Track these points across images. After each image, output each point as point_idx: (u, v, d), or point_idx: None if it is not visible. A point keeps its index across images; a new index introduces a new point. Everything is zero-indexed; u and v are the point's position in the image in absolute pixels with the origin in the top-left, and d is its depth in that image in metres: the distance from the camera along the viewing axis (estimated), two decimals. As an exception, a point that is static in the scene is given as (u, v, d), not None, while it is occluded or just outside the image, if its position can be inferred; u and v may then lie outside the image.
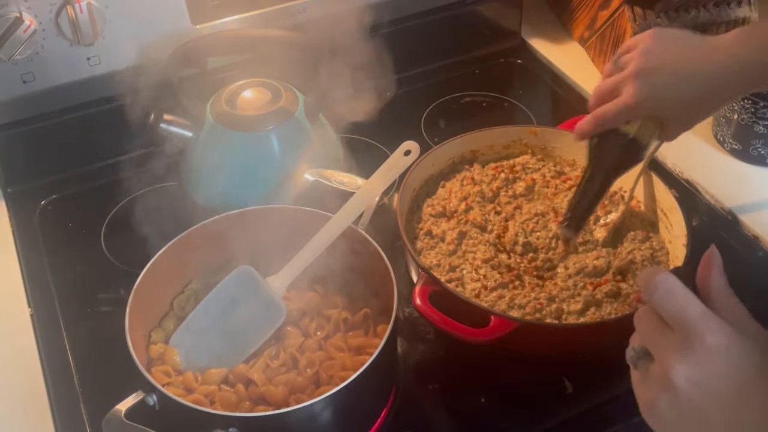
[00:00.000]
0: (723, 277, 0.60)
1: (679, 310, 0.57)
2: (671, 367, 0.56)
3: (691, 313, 0.56)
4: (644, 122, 0.82)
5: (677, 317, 0.57)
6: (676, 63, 0.80)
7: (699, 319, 0.56)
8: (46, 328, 0.95)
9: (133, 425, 0.73)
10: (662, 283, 0.58)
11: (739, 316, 0.58)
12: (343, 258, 0.88)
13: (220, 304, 0.86)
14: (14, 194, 1.14)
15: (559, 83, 1.35)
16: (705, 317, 0.56)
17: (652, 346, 0.59)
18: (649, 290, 0.59)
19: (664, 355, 0.57)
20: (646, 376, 0.59)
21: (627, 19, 1.23)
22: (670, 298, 0.57)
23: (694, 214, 1.08)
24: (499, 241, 0.97)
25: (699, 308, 0.57)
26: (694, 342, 0.55)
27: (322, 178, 0.98)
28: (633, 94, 0.80)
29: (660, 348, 0.58)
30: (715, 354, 0.55)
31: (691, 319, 0.56)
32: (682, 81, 0.79)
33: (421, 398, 0.89)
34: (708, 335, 0.55)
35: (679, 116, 0.82)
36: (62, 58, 1.08)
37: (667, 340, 0.57)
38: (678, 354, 0.56)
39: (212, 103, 1.04)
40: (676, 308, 0.57)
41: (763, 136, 1.12)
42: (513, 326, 0.82)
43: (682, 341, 0.56)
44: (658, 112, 0.82)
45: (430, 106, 1.29)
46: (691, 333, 0.56)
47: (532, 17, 1.45)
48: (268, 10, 1.17)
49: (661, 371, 0.57)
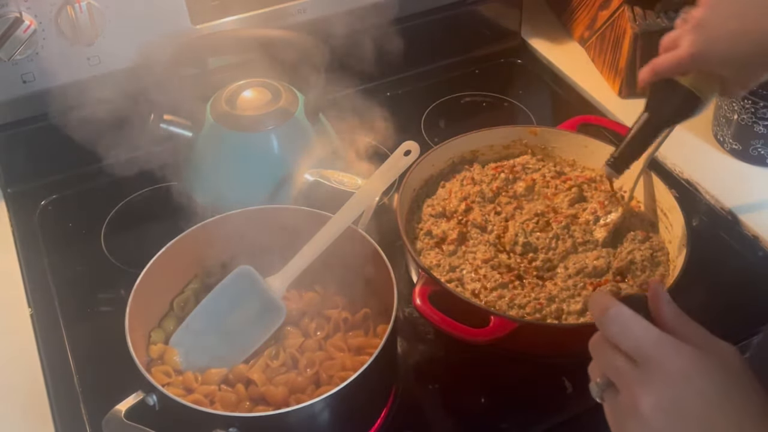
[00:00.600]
0: (672, 303, 0.60)
1: (635, 341, 0.57)
2: (637, 397, 0.56)
3: (647, 342, 0.57)
4: (700, 75, 0.83)
5: (635, 348, 0.57)
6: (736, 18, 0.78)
7: (656, 346, 0.57)
8: (46, 328, 0.95)
9: (133, 425, 0.73)
10: (615, 317, 0.58)
11: (700, 338, 0.59)
12: (343, 258, 0.88)
13: (220, 304, 0.86)
14: (14, 194, 1.14)
15: (559, 83, 1.35)
16: (662, 343, 0.57)
17: (615, 377, 0.59)
18: (603, 324, 0.59)
19: (629, 385, 0.57)
20: (615, 408, 0.59)
21: (627, 19, 1.23)
22: (625, 331, 0.58)
23: (694, 214, 1.08)
24: (499, 241, 0.97)
25: (655, 335, 0.57)
26: (655, 370, 0.56)
27: (322, 178, 0.98)
28: (689, 45, 0.80)
29: (623, 379, 0.58)
30: (676, 378, 0.55)
31: (649, 347, 0.57)
32: (739, 36, 0.78)
33: (421, 398, 0.89)
34: (667, 361, 0.56)
35: (736, 73, 0.81)
36: (62, 58, 1.08)
37: (629, 370, 0.57)
38: (641, 384, 0.56)
39: (212, 103, 1.04)
40: (632, 339, 0.57)
41: (763, 136, 1.12)
42: (513, 326, 0.82)
43: (644, 370, 0.56)
44: (714, 67, 0.81)
45: (430, 106, 1.29)
46: (650, 361, 0.56)
47: (532, 17, 1.45)
48: (268, 10, 1.17)
49: (628, 402, 0.57)
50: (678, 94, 0.84)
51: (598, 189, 1.04)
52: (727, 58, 0.79)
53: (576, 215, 1.00)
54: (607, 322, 0.59)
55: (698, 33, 0.80)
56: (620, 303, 0.59)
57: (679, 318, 0.60)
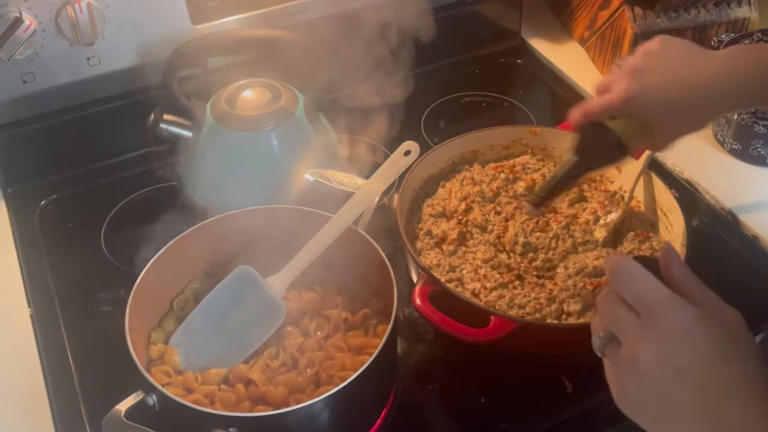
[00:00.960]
0: (685, 266, 0.61)
1: (643, 294, 0.59)
2: (638, 347, 0.57)
3: (654, 296, 0.58)
4: (629, 121, 0.82)
5: (642, 300, 0.58)
6: (670, 67, 0.80)
7: (663, 301, 0.58)
8: (46, 328, 0.95)
9: (133, 425, 0.73)
10: (627, 268, 0.60)
11: (708, 300, 0.59)
12: (343, 258, 0.88)
13: (220, 304, 0.86)
14: (14, 194, 1.14)
15: (559, 83, 1.35)
16: (669, 299, 0.58)
17: (617, 329, 0.60)
18: (614, 275, 0.60)
19: (631, 337, 0.58)
20: (615, 362, 0.60)
21: (627, 19, 1.23)
22: (634, 282, 0.59)
23: (694, 214, 1.08)
24: (499, 241, 0.97)
25: (663, 291, 0.58)
26: (659, 323, 0.57)
27: (322, 178, 0.98)
28: (623, 90, 0.81)
29: (626, 330, 0.59)
30: (679, 334, 0.56)
31: (655, 302, 0.58)
32: (672, 85, 0.80)
33: (421, 398, 0.89)
34: (672, 316, 0.57)
35: (665, 122, 0.82)
36: (62, 58, 1.08)
37: (633, 322, 0.59)
38: (643, 335, 0.57)
39: (212, 103, 1.04)
40: (640, 292, 0.59)
41: (763, 136, 1.12)
42: (513, 326, 0.82)
43: (648, 323, 0.58)
44: (645, 114, 0.82)
45: (430, 106, 1.29)
46: (654, 315, 0.57)
47: (532, 17, 1.45)
48: (268, 10, 1.17)
49: (629, 354, 0.58)
50: (606, 139, 0.83)
51: (598, 189, 1.04)
52: (657, 104, 0.80)
53: (576, 215, 1.00)
54: (617, 273, 0.60)
55: (632, 78, 0.81)
56: (633, 260, 0.60)
57: (688, 279, 0.61)
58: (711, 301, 0.60)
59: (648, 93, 0.80)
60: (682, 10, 1.22)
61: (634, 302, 0.59)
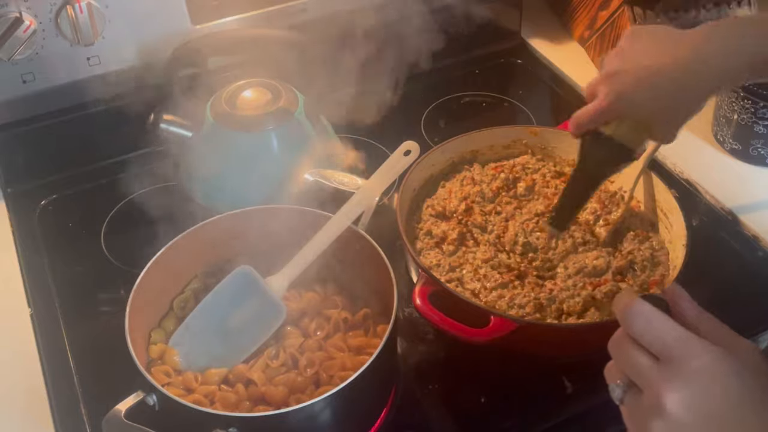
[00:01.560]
0: (693, 302, 0.60)
1: (660, 337, 0.57)
2: (662, 394, 0.55)
3: (672, 338, 0.56)
4: (622, 123, 0.81)
5: (659, 345, 0.57)
6: (642, 61, 0.78)
7: (682, 343, 0.56)
8: (46, 328, 0.95)
9: (133, 425, 0.73)
10: (639, 312, 0.58)
11: (722, 335, 0.58)
12: (343, 258, 0.88)
13: (220, 304, 0.86)
14: (14, 194, 1.14)
15: (559, 83, 1.35)
16: (687, 340, 0.56)
17: (637, 376, 0.58)
18: (626, 318, 0.58)
19: (653, 384, 0.56)
20: (636, 409, 0.58)
21: (627, 19, 1.23)
22: (649, 326, 0.57)
23: (694, 214, 1.08)
24: (499, 241, 0.97)
25: (679, 332, 0.57)
26: (681, 366, 0.55)
27: (322, 178, 0.98)
28: (604, 95, 0.79)
29: (646, 378, 0.57)
30: (703, 375, 0.55)
31: (674, 344, 0.56)
32: (648, 80, 0.77)
33: (421, 398, 0.89)
34: (693, 358, 0.55)
35: (656, 115, 0.80)
36: (62, 58, 1.08)
37: (653, 368, 0.57)
38: (666, 381, 0.55)
39: (212, 103, 1.04)
40: (656, 336, 0.57)
41: (763, 136, 1.12)
42: (513, 326, 0.82)
43: (669, 367, 0.56)
44: (633, 112, 0.80)
45: (430, 106, 1.29)
46: (674, 357, 0.56)
47: (532, 17, 1.45)
48: (268, 10, 1.17)
49: (652, 401, 0.56)
50: (603, 145, 0.82)
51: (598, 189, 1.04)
52: (640, 101, 0.78)
53: (576, 215, 1.00)
54: (630, 317, 0.58)
55: (610, 81, 0.79)
56: (643, 301, 0.58)
57: (700, 315, 0.60)
58: (726, 336, 0.58)
59: (627, 94, 0.78)
60: (681, 10, 1.22)
61: (650, 346, 0.57)
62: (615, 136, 0.81)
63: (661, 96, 0.77)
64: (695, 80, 0.77)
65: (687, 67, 0.76)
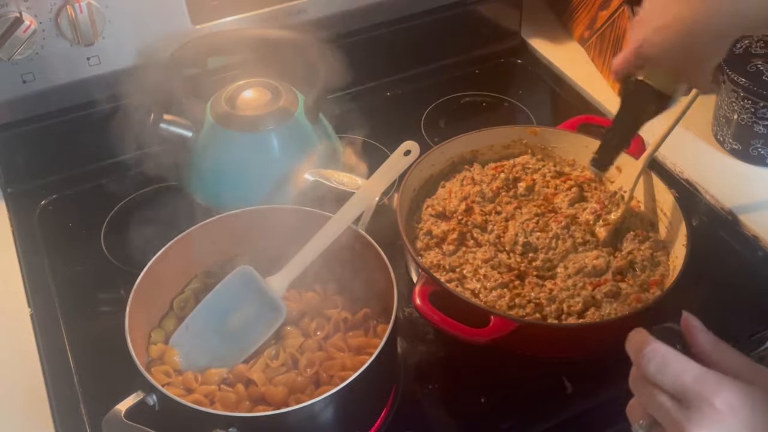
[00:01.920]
0: (708, 332, 0.60)
1: (678, 378, 0.56)
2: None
3: (690, 379, 0.56)
4: (654, 70, 0.84)
5: (679, 386, 0.56)
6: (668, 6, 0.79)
7: (700, 382, 0.55)
8: (46, 328, 0.95)
9: (133, 425, 0.73)
10: (654, 355, 0.57)
11: (741, 366, 0.58)
12: (343, 258, 0.88)
13: (220, 304, 0.86)
14: (14, 194, 1.14)
15: (559, 83, 1.35)
16: (705, 379, 0.56)
17: (661, 417, 0.57)
18: (641, 364, 0.58)
19: (676, 425, 0.56)
20: None
21: (627, 18, 1.23)
22: (665, 369, 0.57)
23: (694, 214, 1.08)
24: (499, 241, 0.97)
25: (696, 371, 0.56)
26: (702, 407, 0.55)
27: (322, 178, 0.98)
28: (634, 41, 0.82)
29: (670, 419, 0.56)
30: (726, 413, 0.54)
31: (692, 385, 0.56)
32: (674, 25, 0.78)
33: (421, 398, 0.89)
34: (714, 397, 0.55)
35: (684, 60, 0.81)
36: (62, 58, 1.08)
37: (675, 409, 0.56)
38: (690, 423, 0.55)
39: (212, 103, 1.04)
40: (674, 377, 0.56)
41: (763, 136, 1.12)
42: (513, 326, 0.82)
43: (690, 409, 0.55)
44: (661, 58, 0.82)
45: (430, 106, 1.29)
46: (696, 399, 0.55)
47: (532, 17, 1.45)
48: (268, 10, 1.17)
49: None
50: (639, 91, 0.86)
51: (598, 189, 1.04)
52: (668, 46, 0.80)
53: (576, 215, 1.00)
54: (644, 361, 0.58)
55: (638, 28, 0.81)
56: (656, 340, 0.58)
57: (716, 346, 0.59)
58: (745, 367, 0.58)
59: (653, 39, 0.80)
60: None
61: (668, 388, 0.57)
62: (649, 82, 0.85)
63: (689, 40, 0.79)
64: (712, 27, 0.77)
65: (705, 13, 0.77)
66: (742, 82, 1.09)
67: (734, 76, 1.10)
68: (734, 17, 0.77)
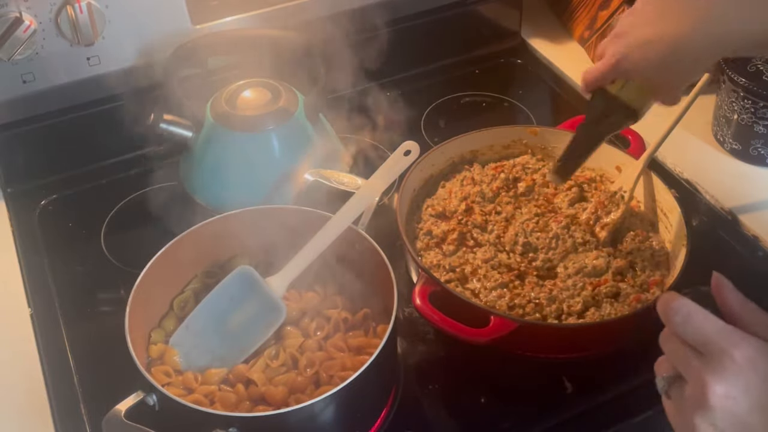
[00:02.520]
0: (738, 293, 0.61)
1: (700, 332, 0.58)
2: (706, 386, 0.56)
3: (712, 332, 0.57)
4: (628, 83, 0.83)
5: (700, 339, 0.58)
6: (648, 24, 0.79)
7: (722, 336, 0.57)
8: (46, 328, 0.95)
9: (133, 425, 0.73)
10: (680, 308, 0.59)
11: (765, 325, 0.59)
12: (343, 258, 0.88)
13: (220, 305, 0.86)
14: (14, 194, 1.14)
15: (559, 83, 1.35)
16: (727, 333, 0.57)
17: (685, 368, 0.59)
18: (668, 317, 0.60)
19: (698, 376, 0.57)
20: (680, 402, 0.59)
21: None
22: (689, 321, 0.59)
23: (694, 214, 1.08)
24: (499, 241, 0.97)
25: (719, 325, 0.58)
26: (723, 359, 0.56)
27: (322, 178, 0.98)
28: (610, 54, 0.81)
29: (692, 370, 0.58)
30: (745, 366, 0.56)
31: (714, 338, 0.57)
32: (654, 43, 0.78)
33: (421, 398, 0.89)
34: (734, 350, 0.56)
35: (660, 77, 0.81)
36: (62, 58, 1.08)
37: (698, 361, 0.58)
38: (710, 373, 0.56)
39: (212, 103, 1.04)
40: (697, 330, 0.58)
41: (763, 136, 1.12)
42: (513, 326, 0.82)
43: (712, 360, 0.57)
44: (637, 74, 0.81)
45: (430, 106, 1.29)
46: (717, 351, 0.57)
47: (532, 17, 1.45)
48: (268, 10, 1.17)
49: (697, 392, 0.57)
50: (608, 103, 0.84)
51: (598, 189, 1.04)
52: (645, 63, 0.79)
53: (576, 215, 1.00)
54: (671, 313, 0.59)
55: (617, 42, 0.80)
56: (684, 297, 0.60)
57: (745, 305, 0.61)
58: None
59: (633, 54, 0.79)
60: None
61: (693, 341, 0.58)
62: (620, 96, 0.84)
63: (667, 58, 0.78)
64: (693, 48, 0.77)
65: (687, 34, 0.76)
66: (742, 82, 1.09)
67: (734, 76, 1.10)
68: (719, 40, 0.76)
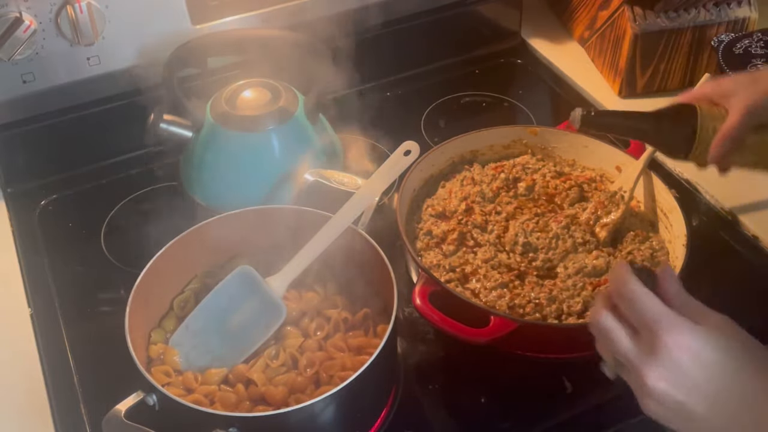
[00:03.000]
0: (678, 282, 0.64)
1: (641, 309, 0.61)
2: (643, 374, 0.60)
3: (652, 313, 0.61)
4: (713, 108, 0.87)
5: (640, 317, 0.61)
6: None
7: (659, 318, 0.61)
8: (46, 328, 0.95)
9: (133, 425, 0.73)
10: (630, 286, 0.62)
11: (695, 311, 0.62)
12: (343, 258, 0.88)
13: (220, 304, 0.86)
14: (14, 194, 1.14)
15: (559, 83, 1.35)
16: (665, 315, 0.61)
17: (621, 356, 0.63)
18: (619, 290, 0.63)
19: (634, 364, 0.61)
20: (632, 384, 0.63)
21: (627, 18, 1.23)
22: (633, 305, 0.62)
23: (694, 214, 1.08)
24: (499, 241, 0.97)
25: (659, 307, 0.61)
26: (656, 343, 0.60)
27: (322, 178, 0.98)
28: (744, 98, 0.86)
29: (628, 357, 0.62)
30: (677, 350, 0.59)
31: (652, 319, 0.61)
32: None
33: (421, 398, 0.89)
34: (665, 334, 0.60)
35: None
36: (62, 58, 1.08)
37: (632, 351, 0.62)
38: (645, 360, 0.60)
39: (212, 103, 1.04)
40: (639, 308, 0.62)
41: (763, 136, 1.11)
42: (513, 326, 0.82)
43: (646, 344, 0.61)
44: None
45: (430, 106, 1.29)
46: (652, 334, 0.60)
47: (532, 17, 1.45)
48: (268, 10, 1.17)
49: (638, 380, 0.61)
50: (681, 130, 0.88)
51: (598, 189, 1.04)
52: None
53: (576, 215, 1.00)
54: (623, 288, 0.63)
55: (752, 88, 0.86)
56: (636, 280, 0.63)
57: (679, 294, 0.64)
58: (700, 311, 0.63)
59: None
60: (682, 10, 1.22)
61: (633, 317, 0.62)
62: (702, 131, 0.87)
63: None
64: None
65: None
66: (742, 82, 1.09)
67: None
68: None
